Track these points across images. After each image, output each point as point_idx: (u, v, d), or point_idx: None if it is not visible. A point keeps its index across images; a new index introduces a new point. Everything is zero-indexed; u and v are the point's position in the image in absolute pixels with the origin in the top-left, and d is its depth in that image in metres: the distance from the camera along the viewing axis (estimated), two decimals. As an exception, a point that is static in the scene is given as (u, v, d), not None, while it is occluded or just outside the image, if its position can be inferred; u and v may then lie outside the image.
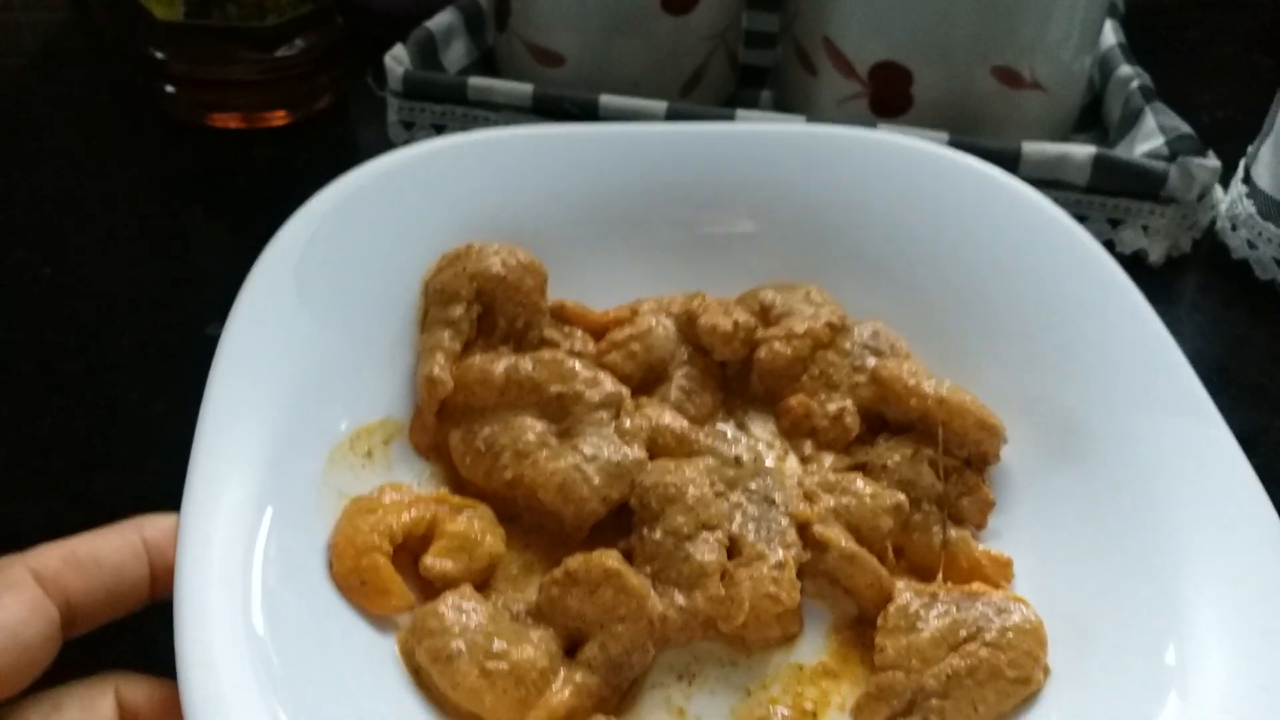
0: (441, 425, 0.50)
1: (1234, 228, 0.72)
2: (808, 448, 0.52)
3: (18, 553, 0.37)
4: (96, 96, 0.89)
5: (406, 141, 0.80)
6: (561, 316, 0.55)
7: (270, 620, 0.38)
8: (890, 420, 0.52)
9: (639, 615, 0.43)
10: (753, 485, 0.48)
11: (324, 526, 0.44)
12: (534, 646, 0.42)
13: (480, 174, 0.55)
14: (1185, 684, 0.40)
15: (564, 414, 0.49)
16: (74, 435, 0.58)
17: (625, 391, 0.50)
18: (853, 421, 0.51)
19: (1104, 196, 0.71)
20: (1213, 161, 0.69)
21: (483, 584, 0.45)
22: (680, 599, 0.44)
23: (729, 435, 0.51)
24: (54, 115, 0.87)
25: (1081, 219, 0.70)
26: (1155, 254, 0.71)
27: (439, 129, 0.79)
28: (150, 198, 0.79)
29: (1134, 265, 0.51)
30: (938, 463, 0.49)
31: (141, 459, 0.57)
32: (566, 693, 0.41)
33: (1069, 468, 0.49)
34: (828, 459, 0.51)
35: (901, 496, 0.48)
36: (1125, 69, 0.80)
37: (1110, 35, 0.84)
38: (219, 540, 0.39)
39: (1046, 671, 0.43)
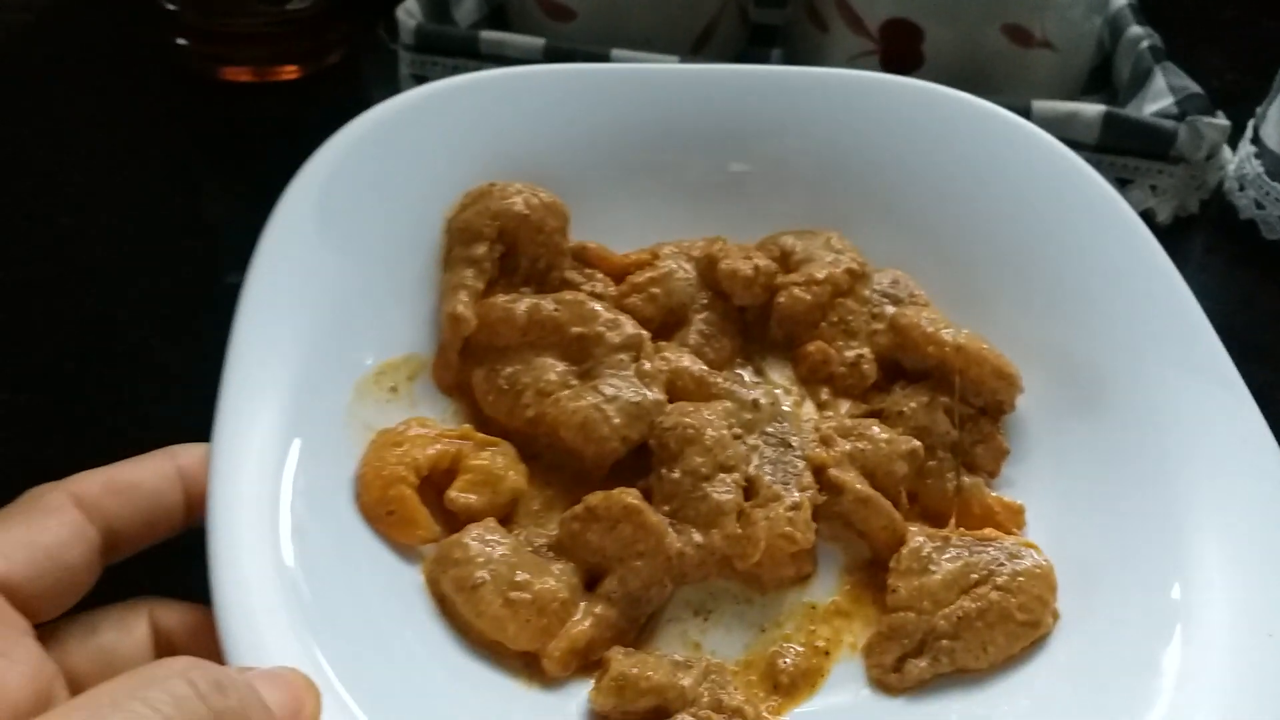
0: (464, 363, 0.50)
1: (1242, 188, 0.72)
2: (825, 394, 0.52)
3: (55, 481, 0.38)
4: (108, 50, 0.89)
5: (420, 96, 0.80)
6: (583, 258, 0.55)
7: (300, 550, 0.39)
8: (907, 368, 0.52)
9: (657, 551, 0.44)
10: (770, 429, 0.48)
11: (350, 458, 0.45)
12: (555, 579, 0.43)
13: (503, 111, 0.55)
14: (1190, 627, 0.41)
15: (585, 355, 0.50)
16: (96, 378, 0.59)
17: (645, 334, 0.51)
18: (870, 368, 0.52)
19: (1113, 155, 0.71)
20: (1222, 121, 0.69)
21: (505, 519, 0.46)
22: (697, 537, 0.44)
23: (747, 380, 0.51)
24: (66, 69, 0.87)
25: None
26: (1163, 214, 0.71)
27: (451, 83, 0.79)
28: (163, 150, 0.79)
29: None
30: (953, 410, 0.50)
31: (162, 400, 0.58)
32: (587, 624, 0.42)
33: (1084, 418, 0.49)
34: (844, 405, 0.51)
35: (916, 443, 0.48)
36: (1135, 29, 0.80)
37: None
38: (248, 471, 0.40)
39: (1055, 616, 0.44)
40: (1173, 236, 0.54)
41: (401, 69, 0.79)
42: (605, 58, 0.74)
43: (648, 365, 0.49)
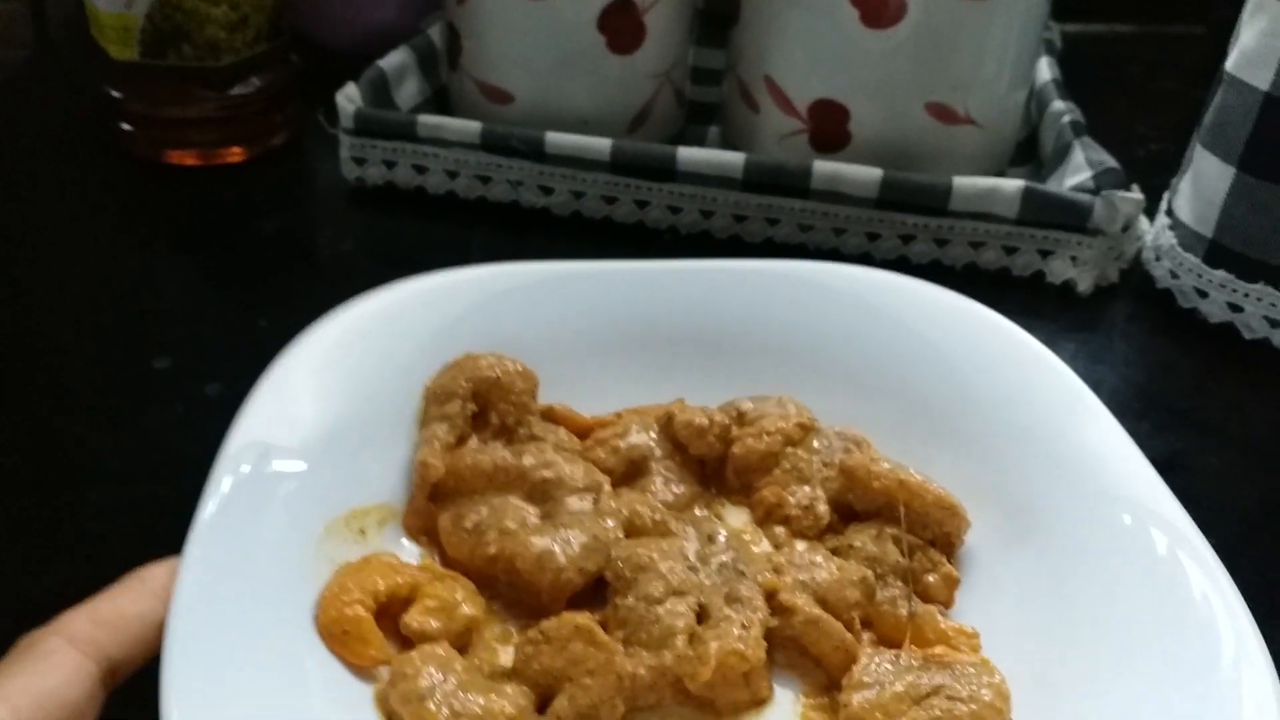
0: (433, 509, 0.52)
1: (1158, 258, 0.74)
2: (781, 535, 0.53)
3: (41, 627, 0.39)
4: (57, 134, 0.91)
5: (358, 178, 0.81)
6: (550, 417, 0.57)
7: (254, 665, 0.40)
8: (858, 510, 0.53)
9: (608, 669, 0.43)
10: (724, 558, 0.49)
11: (314, 586, 0.45)
12: (505, 697, 0.43)
13: (481, 302, 0.59)
14: None
15: (547, 498, 0.51)
16: (28, 463, 0.59)
17: (605, 478, 0.53)
18: (824, 510, 0.53)
19: (1033, 229, 0.73)
20: (1136, 195, 0.72)
21: (461, 648, 0.46)
22: (648, 658, 0.44)
23: (704, 519, 0.53)
24: (14, 150, 0.88)
25: (1012, 251, 0.73)
26: (1084, 284, 0.73)
27: (390, 165, 0.80)
28: (108, 233, 0.79)
29: (1064, 295, 0.53)
30: (902, 539, 0.51)
31: (80, 484, 0.58)
32: (534, 743, 0.41)
33: (1029, 550, 0.50)
34: (800, 546, 0.52)
35: (866, 570, 0.49)
36: (1058, 104, 0.82)
37: (1045, 71, 0.88)
38: (213, 590, 0.41)
39: (1012, 730, 0.43)
40: (1095, 306, 0.56)
41: (342, 152, 0.81)
42: (540, 140, 0.77)
43: (607, 504, 0.51)
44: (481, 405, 0.55)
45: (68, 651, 0.37)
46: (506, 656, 0.46)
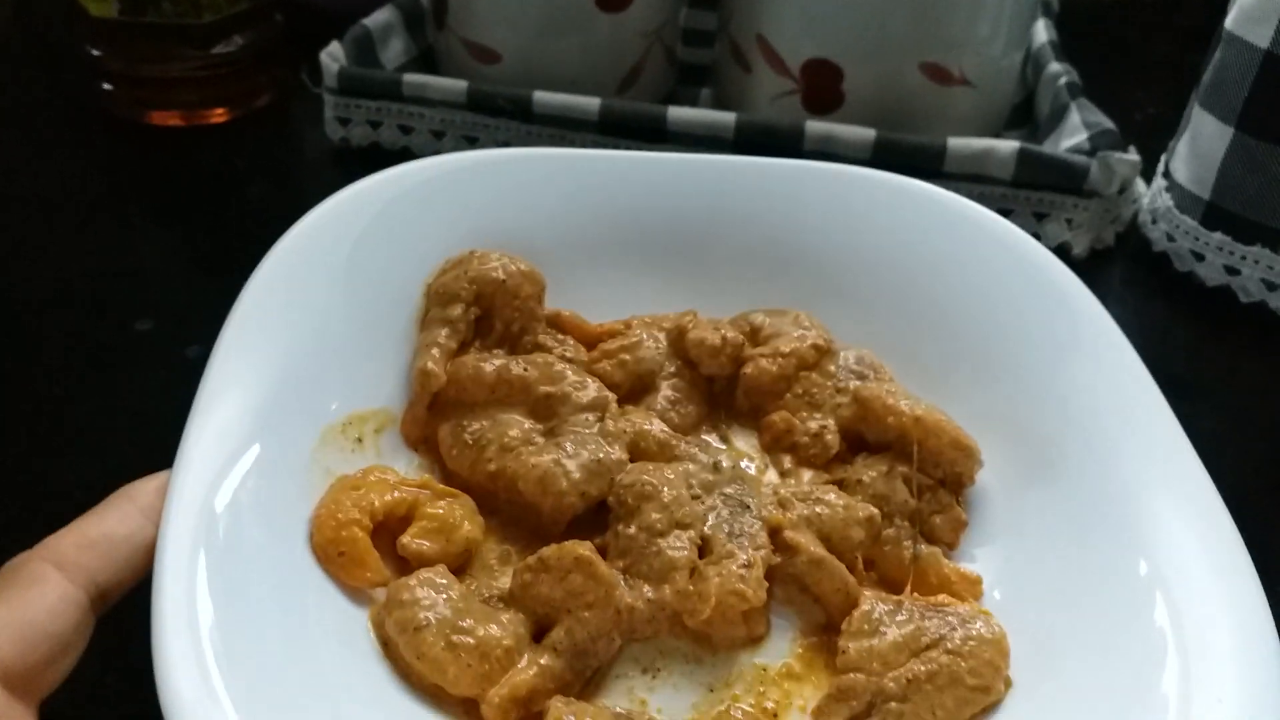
0: (432, 419, 0.50)
1: (1154, 221, 0.73)
2: (788, 463, 0.52)
3: (26, 551, 0.37)
4: (38, 95, 0.89)
5: (343, 139, 0.80)
6: (557, 325, 0.55)
7: (248, 586, 0.39)
8: (870, 440, 0.52)
9: (606, 603, 0.43)
10: (729, 490, 0.48)
11: (309, 500, 0.44)
12: (502, 627, 0.42)
13: (489, 190, 0.56)
14: (1148, 697, 0.39)
15: (551, 414, 0.50)
16: (12, 421, 0.58)
17: (612, 396, 0.51)
18: (833, 439, 0.52)
19: (1029, 191, 0.72)
20: (1132, 156, 0.70)
21: (459, 569, 0.45)
22: (648, 591, 0.43)
23: (711, 445, 0.51)
24: None
25: (1007, 213, 0.70)
26: (1079, 247, 0.72)
27: (375, 125, 0.79)
28: (89, 195, 0.78)
29: (1058, 258, 0.53)
30: (911, 480, 0.49)
31: (61, 448, 0.57)
32: (530, 673, 0.41)
33: (1042, 490, 0.49)
34: (807, 475, 0.51)
35: (873, 509, 0.48)
36: (1054, 66, 0.81)
37: (1042, 33, 0.86)
38: (205, 502, 0.40)
39: (1008, 683, 0.43)
40: (1090, 269, 0.55)
41: (326, 112, 0.80)
42: (527, 100, 0.75)
43: (612, 425, 0.49)
44: (485, 309, 0.53)
45: (54, 578, 0.36)
46: (505, 579, 0.45)
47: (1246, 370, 0.66)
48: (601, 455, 0.48)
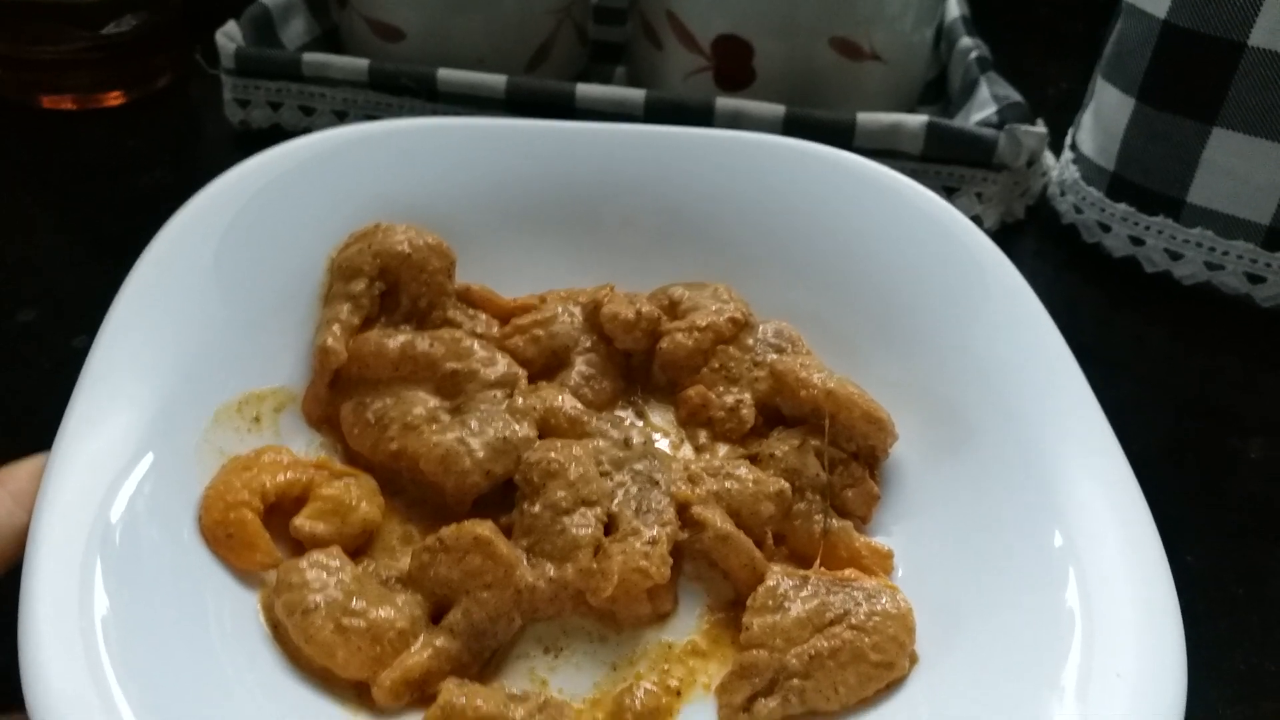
0: (334, 397, 0.49)
1: (1062, 193, 0.74)
2: (703, 438, 0.51)
3: None
4: None
5: (242, 121, 0.78)
6: (467, 299, 0.54)
7: (132, 571, 0.38)
8: (786, 414, 0.51)
9: (505, 583, 0.42)
10: (639, 466, 0.47)
11: (199, 482, 0.43)
12: (395, 608, 0.41)
13: (394, 161, 0.55)
14: (1052, 673, 0.39)
15: (457, 391, 0.49)
16: None
17: (521, 373, 0.50)
18: (748, 413, 0.51)
19: (938, 165, 0.72)
20: (1039, 129, 0.71)
21: (358, 551, 0.45)
22: (551, 571, 0.43)
23: (625, 421, 0.50)
24: None
25: None
26: (989, 220, 0.72)
27: (276, 107, 0.77)
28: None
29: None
30: (824, 453, 0.49)
31: None
32: (425, 655, 0.40)
33: (958, 464, 0.48)
34: (722, 449, 0.50)
35: (784, 484, 0.47)
36: (966, 40, 0.81)
37: (954, 8, 0.86)
38: (85, 486, 0.38)
39: (914, 659, 0.42)
40: (1001, 242, 0.55)
41: (225, 94, 0.78)
42: (431, 77, 0.74)
43: (520, 402, 0.48)
44: (391, 284, 0.51)
45: None
46: (406, 560, 0.44)
47: (1152, 339, 0.67)
48: (508, 433, 0.47)
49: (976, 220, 0.71)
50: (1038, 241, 0.74)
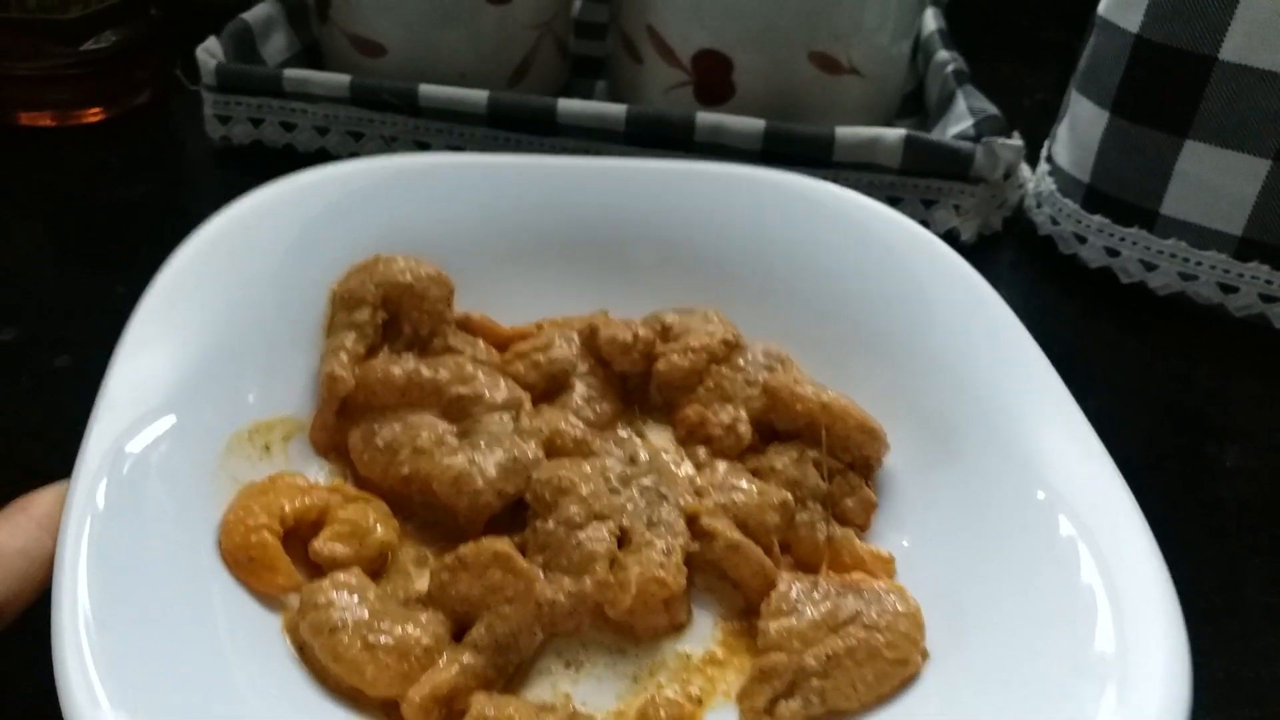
0: (342, 424, 0.50)
1: (1039, 205, 0.75)
2: (703, 455, 0.52)
3: None
4: None
5: (223, 138, 0.78)
6: (467, 328, 0.55)
7: (155, 597, 0.38)
8: (780, 430, 0.53)
9: (526, 597, 0.43)
10: (646, 481, 0.48)
11: (217, 509, 0.43)
12: (420, 626, 0.42)
13: (395, 197, 0.56)
14: (1080, 656, 0.40)
15: (464, 415, 0.50)
16: None
17: (525, 396, 0.51)
18: (746, 430, 0.52)
19: (916, 178, 0.73)
20: (1016, 141, 0.72)
21: (375, 573, 0.45)
22: (569, 584, 0.43)
23: (627, 440, 0.52)
24: None
25: (895, 201, 0.73)
26: (967, 232, 0.74)
27: (256, 123, 0.77)
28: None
29: (948, 244, 0.54)
30: (822, 464, 0.50)
31: None
32: (452, 671, 0.41)
33: (948, 469, 0.50)
34: (721, 466, 0.51)
35: (786, 494, 0.49)
36: (942, 54, 0.82)
37: (931, 22, 0.88)
38: (107, 514, 0.38)
39: (925, 655, 0.44)
40: (979, 254, 0.56)
41: (206, 110, 0.78)
42: (413, 93, 0.74)
43: (527, 423, 0.49)
44: (393, 313, 0.52)
45: None
46: (423, 582, 0.45)
47: (1128, 349, 0.69)
48: (517, 453, 0.48)
49: (954, 233, 0.73)
50: (1015, 253, 0.75)
